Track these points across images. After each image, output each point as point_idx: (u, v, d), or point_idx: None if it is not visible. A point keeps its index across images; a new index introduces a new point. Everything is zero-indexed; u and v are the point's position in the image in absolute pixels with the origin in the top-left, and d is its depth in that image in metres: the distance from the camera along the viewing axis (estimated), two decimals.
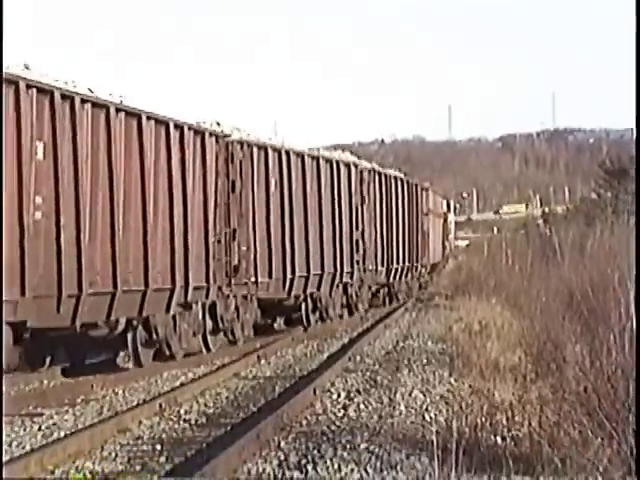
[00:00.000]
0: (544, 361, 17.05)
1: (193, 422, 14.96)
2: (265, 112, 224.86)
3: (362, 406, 15.55)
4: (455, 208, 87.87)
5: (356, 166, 34.44)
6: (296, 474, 10.99)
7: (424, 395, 16.38)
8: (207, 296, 22.38)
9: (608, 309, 15.88)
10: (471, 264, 60.28)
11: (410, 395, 16.44)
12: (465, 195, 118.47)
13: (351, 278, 32.99)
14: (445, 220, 60.20)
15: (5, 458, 12.20)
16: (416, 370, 19.61)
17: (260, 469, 11.37)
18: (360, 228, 34.16)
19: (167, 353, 20.72)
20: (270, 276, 25.79)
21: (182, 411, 15.76)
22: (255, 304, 25.23)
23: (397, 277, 41.25)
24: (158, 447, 13.04)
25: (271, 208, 26.12)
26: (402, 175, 43.77)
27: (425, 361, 21.08)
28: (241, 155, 24.30)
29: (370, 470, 11.01)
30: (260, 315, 25.95)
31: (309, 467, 11.25)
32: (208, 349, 23.00)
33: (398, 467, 11.08)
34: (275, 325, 29.74)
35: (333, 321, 31.05)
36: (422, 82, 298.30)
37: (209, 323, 22.79)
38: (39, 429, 14.37)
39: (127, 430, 14.06)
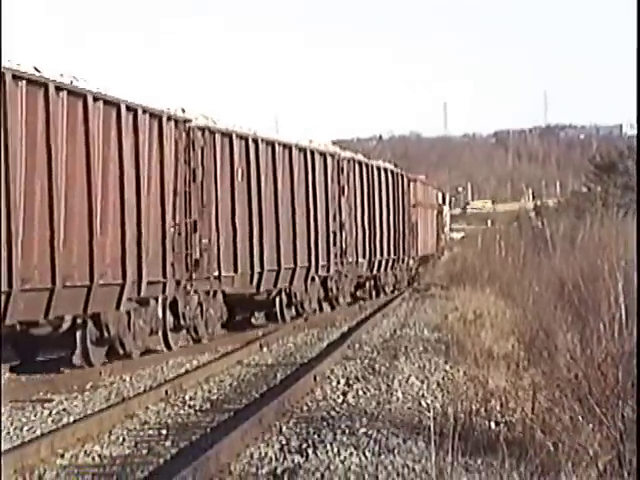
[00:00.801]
0: (536, 349, 17.02)
1: (198, 408, 14.94)
2: (267, 108, 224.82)
3: (361, 392, 15.53)
4: (450, 201, 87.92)
5: (333, 156, 31.80)
6: (297, 458, 10.94)
7: (421, 382, 16.37)
8: (164, 291, 20.32)
9: (598, 299, 15.85)
10: (466, 255, 60.26)
11: (407, 382, 16.42)
12: (460, 189, 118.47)
13: (328, 271, 30.44)
14: (440, 212, 59.84)
15: (17, 442, 12.21)
16: (413, 358, 19.60)
17: (262, 453, 11.36)
18: (338, 220, 31.73)
19: (121, 352, 19.09)
20: (235, 270, 23.64)
21: (187, 397, 15.74)
22: (221, 300, 23.41)
23: (382, 269, 38.79)
24: (164, 432, 13.02)
25: (237, 198, 23.84)
26: (388, 165, 41.41)
27: (421, 349, 21.07)
28: (203, 142, 22.09)
29: (368, 454, 10.98)
30: (226, 311, 23.92)
31: (310, 451, 11.23)
32: (169, 347, 21.02)
33: (396, 451, 11.06)
34: (253, 320, 28.13)
35: (309, 316, 28.73)
36: (419, 80, 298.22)
37: (170, 320, 20.99)
38: (49, 414, 14.35)
39: (134, 415, 14.05)
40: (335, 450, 11.22)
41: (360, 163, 35.38)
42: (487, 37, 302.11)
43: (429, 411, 13.03)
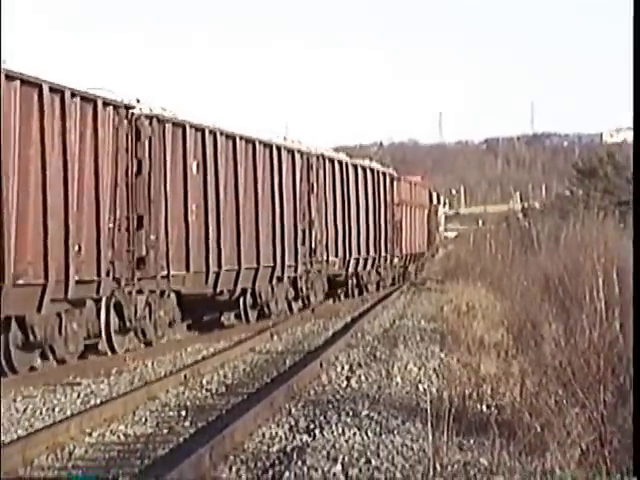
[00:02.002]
0: (524, 338, 17.02)
1: (214, 391, 14.95)
2: (278, 116, 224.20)
3: (363, 378, 15.52)
4: (445, 203, 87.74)
5: (301, 153, 27.81)
6: (305, 437, 10.96)
7: (418, 368, 16.35)
8: (98, 292, 17.07)
9: (580, 292, 15.86)
10: (459, 253, 60.17)
11: (406, 368, 16.41)
12: (454, 192, 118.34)
13: (295, 271, 26.77)
14: (435, 212, 59.33)
15: (49, 422, 12.24)
16: (411, 346, 19.58)
17: (273, 433, 11.35)
18: (307, 218, 27.92)
19: (51, 357, 16.50)
20: (187, 269, 20.23)
21: (204, 381, 15.74)
22: (173, 300, 20.29)
23: (360, 268, 34.66)
24: (183, 413, 13.03)
25: (190, 193, 20.45)
26: (367, 164, 37.27)
27: (419, 338, 21.04)
28: (150, 131, 18.68)
29: (370, 434, 10.98)
30: (179, 312, 20.82)
31: (316, 431, 11.22)
32: (113, 351, 17.88)
33: (395, 432, 11.05)
34: (223, 319, 25.01)
35: (276, 316, 25.40)
36: (416, 91, 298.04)
37: (115, 322, 17.85)
38: (78, 396, 14.35)
39: (156, 398, 14.04)
40: (340, 430, 11.22)
41: (332, 161, 31.36)
42: (479, 52, 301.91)
43: (426, 395, 13.03)
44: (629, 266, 17.37)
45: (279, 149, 25.81)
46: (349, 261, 32.58)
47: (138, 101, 18.88)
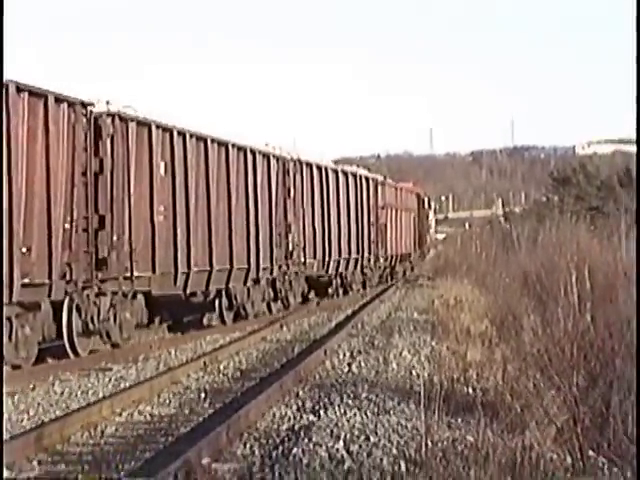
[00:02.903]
0: (505, 328, 17.01)
1: (230, 375, 14.93)
2: (287, 132, 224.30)
3: (362, 364, 15.50)
4: (435, 208, 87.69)
5: (277, 158, 25.07)
6: (311, 417, 10.94)
7: (412, 355, 16.33)
8: (50, 295, 14.84)
9: (556, 287, 15.85)
10: (448, 253, 60.20)
11: (400, 355, 16.39)
12: (443, 198, 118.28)
13: (271, 273, 24.27)
14: (426, 216, 59.03)
15: (83, 403, 12.23)
16: (405, 335, 19.56)
17: (283, 413, 11.34)
18: (284, 221, 25.35)
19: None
20: (154, 270, 17.85)
21: (221, 367, 15.72)
22: (141, 302, 17.99)
23: (341, 269, 31.62)
24: (203, 395, 13.00)
25: (157, 194, 18.01)
26: (349, 169, 34.11)
27: (412, 328, 21.02)
28: (112, 130, 16.45)
29: (369, 414, 10.95)
30: (147, 313, 18.59)
31: (321, 412, 11.19)
32: (76, 353, 15.79)
33: (391, 412, 11.03)
34: (205, 320, 22.25)
35: (254, 317, 23.21)
36: (410, 109, 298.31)
37: (78, 324, 15.74)
38: (109, 381, 14.34)
39: (178, 382, 14.02)
40: (342, 411, 11.20)
41: (310, 165, 28.22)
42: (466, 72, 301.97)
43: (418, 379, 13.01)
44: (606, 265, 17.37)
45: (253, 153, 23.31)
46: (329, 262, 29.75)
47: (108, 102, 16.65)
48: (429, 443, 8.44)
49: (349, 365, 15.41)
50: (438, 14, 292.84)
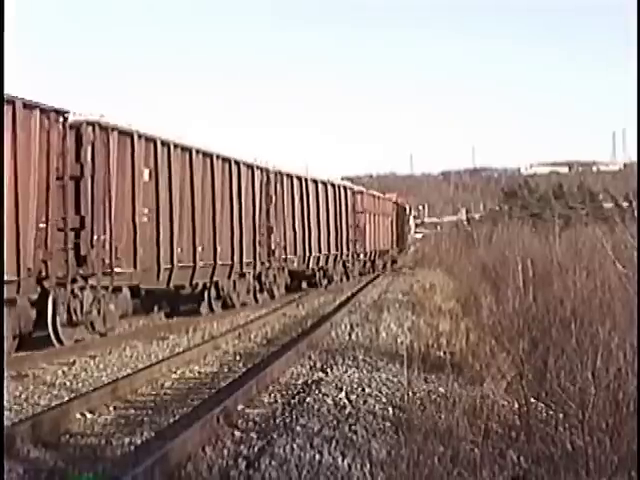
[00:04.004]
0: (468, 306, 16.98)
1: (259, 342, 14.92)
2: (299, 155, 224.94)
3: (359, 333, 15.47)
4: (415, 216, 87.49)
5: (261, 169, 22.82)
6: (320, 374, 10.93)
7: (397, 327, 16.29)
8: (18, 292, 12.51)
9: (506, 274, 15.83)
10: (424, 249, 60.17)
11: (388, 327, 16.35)
12: (420, 207, 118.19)
13: (254, 268, 21.95)
14: (407, 220, 58.62)
15: (147, 363, 12.22)
16: (392, 312, 19.51)
17: (299, 371, 11.33)
18: (266, 224, 22.97)
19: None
20: (135, 266, 15.61)
21: (252, 336, 15.71)
22: (126, 294, 15.81)
23: (321, 263, 29.21)
24: (237, 357, 13.01)
25: (140, 198, 15.86)
26: (329, 180, 31.05)
27: (397, 306, 20.97)
28: (92, 137, 14.33)
29: (365, 372, 10.94)
30: (131, 305, 16.42)
31: (328, 370, 11.18)
32: (61, 342, 13.66)
33: (381, 370, 11.02)
34: (201, 309, 19.68)
35: (241, 307, 20.94)
36: (395, 139, 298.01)
37: (63, 316, 13.71)
38: (167, 346, 14.34)
39: (219, 347, 14.02)
40: (344, 369, 11.18)
41: (290, 176, 25.87)
42: (438, 111, 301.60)
43: (402, 345, 13.07)
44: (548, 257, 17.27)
45: (238, 164, 20.92)
46: (309, 258, 27.48)
47: (103, 116, 14.82)
48: (410, 393, 8.44)
49: (349, 334, 15.38)
50: (417, 71, 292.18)
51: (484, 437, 6.31)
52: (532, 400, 7.59)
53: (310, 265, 27.80)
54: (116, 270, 14.92)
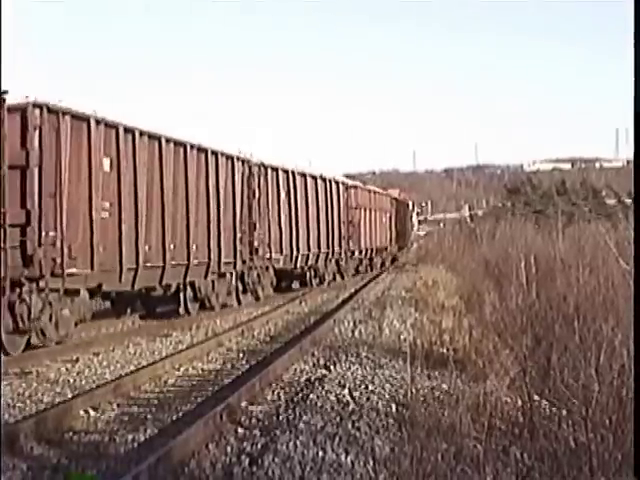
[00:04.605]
0: (471, 303, 16.94)
1: (262, 339, 14.93)
2: (302, 152, 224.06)
3: (363, 330, 15.48)
4: (418, 212, 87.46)
5: (242, 160, 20.65)
6: (324, 371, 10.93)
7: (400, 323, 16.30)
8: None
9: (509, 271, 15.79)
10: (427, 245, 60.06)
11: (391, 323, 16.36)
12: (423, 204, 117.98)
13: (234, 267, 19.91)
14: (410, 217, 58.32)
15: (151, 360, 12.23)
16: (395, 309, 19.52)
17: (302, 368, 11.33)
18: (248, 220, 20.90)
19: None
20: (92, 267, 13.69)
21: (255, 333, 15.72)
22: (84, 297, 13.70)
23: (310, 262, 26.82)
24: (241, 354, 13.01)
25: (99, 190, 13.95)
26: (318, 173, 28.39)
27: (400, 303, 20.98)
28: (39, 121, 12.48)
29: (368, 369, 10.95)
30: (89, 309, 14.35)
31: (331, 367, 11.19)
32: (6, 353, 12.06)
33: (385, 367, 11.03)
34: (181, 310, 17.97)
35: (221, 308, 19.18)
36: (398, 136, 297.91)
37: (8, 323, 12.06)
38: (170, 344, 14.36)
39: (222, 345, 14.03)
40: (347, 366, 11.19)
41: (275, 169, 23.59)
42: (441, 108, 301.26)
43: (405, 342, 13.05)
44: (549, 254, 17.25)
45: (215, 154, 18.77)
46: (297, 257, 25.20)
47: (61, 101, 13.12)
48: (413, 390, 8.42)
49: (352, 331, 15.39)
50: (421, 71, 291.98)
51: (487, 434, 6.29)
52: (535, 397, 7.58)
53: (298, 264, 25.65)
54: (69, 271, 13.04)
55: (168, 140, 16.50)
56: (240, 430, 7.72)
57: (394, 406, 8.43)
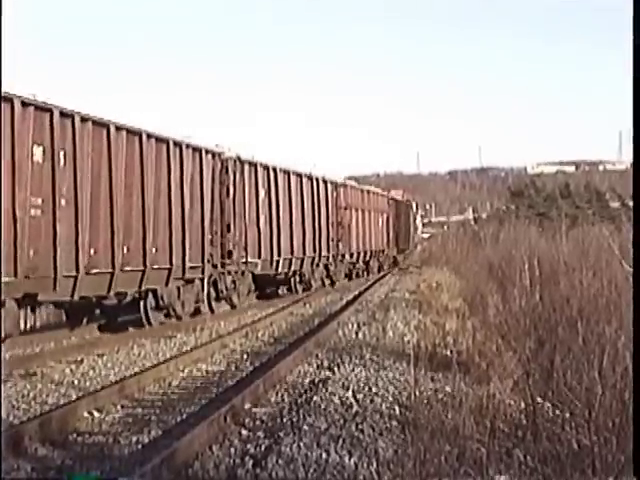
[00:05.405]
0: (475, 305, 16.93)
1: (266, 341, 14.90)
2: (306, 154, 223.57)
3: (366, 332, 15.45)
4: (422, 215, 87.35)
5: (213, 153, 18.18)
6: (327, 373, 10.93)
7: (404, 325, 16.27)
8: None
9: (513, 273, 15.79)
10: (431, 248, 60.06)
11: (395, 325, 16.33)
12: (427, 207, 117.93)
13: (202, 272, 17.52)
14: (414, 220, 57.75)
15: (155, 362, 12.22)
16: (398, 310, 19.47)
17: (306, 369, 11.32)
18: (221, 220, 18.53)
19: None
20: (15, 274, 11.57)
21: (259, 334, 15.69)
22: (11, 309, 11.74)
23: (294, 267, 24.15)
24: (245, 356, 12.99)
25: (23, 184, 11.73)
26: (303, 171, 25.46)
27: (404, 305, 20.93)
28: None
29: (372, 370, 10.94)
30: (16, 324, 12.13)
31: (335, 369, 11.18)
32: None
33: (388, 369, 11.01)
34: (153, 321, 16.21)
35: (189, 317, 17.32)
36: (402, 138, 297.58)
37: None
38: (174, 345, 14.33)
39: (227, 346, 14.01)
40: (351, 368, 11.18)
41: (254, 165, 21.11)
42: (445, 111, 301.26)
43: (409, 344, 13.03)
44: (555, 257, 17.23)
45: (179, 146, 16.39)
46: (278, 262, 22.61)
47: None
48: (417, 392, 8.42)
49: (356, 333, 15.37)
50: (425, 75, 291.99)
51: (490, 436, 6.29)
52: (538, 399, 7.57)
53: (280, 269, 23.05)
54: None
55: (119, 128, 14.24)
56: (244, 432, 7.72)
57: (397, 408, 8.43)
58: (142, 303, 15.89)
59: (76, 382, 10.77)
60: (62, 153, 12.63)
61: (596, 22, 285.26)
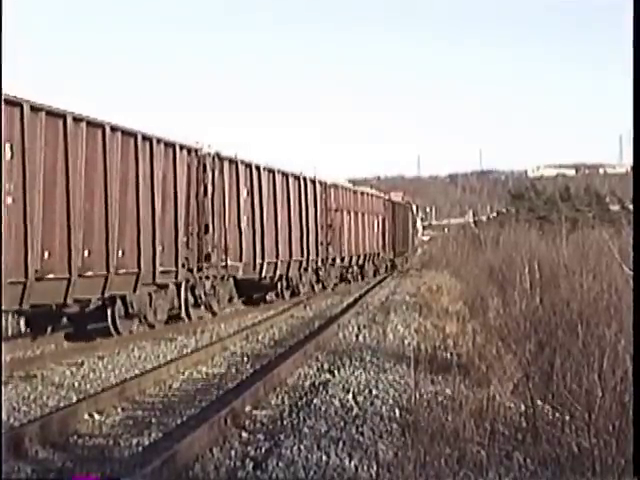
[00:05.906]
0: (475, 308, 16.94)
1: (266, 344, 14.90)
2: (306, 157, 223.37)
3: (367, 335, 15.44)
4: (423, 218, 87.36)
5: (189, 149, 16.96)
6: (328, 375, 10.92)
7: (404, 328, 16.26)
8: None
9: (513, 277, 15.79)
10: (431, 251, 60.07)
11: (396, 328, 16.32)
12: (428, 210, 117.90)
13: (176, 277, 16.33)
14: (414, 223, 57.65)
15: (156, 364, 12.22)
16: (399, 313, 19.47)
17: (306, 372, 11.32)
18: (197, 221, 17.25)
19: None
20: None
21: (259, 337, 15.69)
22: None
23: (280, 271, 22.52)
24: (245, 359, 12.99)
25: None
26: (289, 170, 23.82)
27: (404, 308, 20.91)
28: None
29: (372, 373, 10.93)
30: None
31: (335, 371, 11.17)
32: None
33: (388, 371, 11.00)
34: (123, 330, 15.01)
35: (163, 325, 16.32)
36: (403, 141, 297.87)
37: None
38: (175, 347, 14.32)
39: (227, 349, 14.01)
40: (351, 371, 11.17)
41: (235, 163, 19.65)
42: (445, 114, 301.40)
43: (409, 346, 13.05)
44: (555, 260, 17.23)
45: (149, 141, 15.20)
46: (262, 265, 21.12)
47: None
48: (417, 395, 8.42)
49: (356, 336, 15.36)
50: (424, 80, 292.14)
51: (490, 439, 6.30)
52: (538, 402, 7.58)
53: (264, 273, 21.51)
54: None
55: (77, 119, 12.95)
56: (244, 434, 7.72)
57: (398, 411, 8.42)
58: (109, 310, 14.63)
59: (76, 384, 10.77)
60: (8, 146, 11.43)
61: (596, 22, 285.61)
